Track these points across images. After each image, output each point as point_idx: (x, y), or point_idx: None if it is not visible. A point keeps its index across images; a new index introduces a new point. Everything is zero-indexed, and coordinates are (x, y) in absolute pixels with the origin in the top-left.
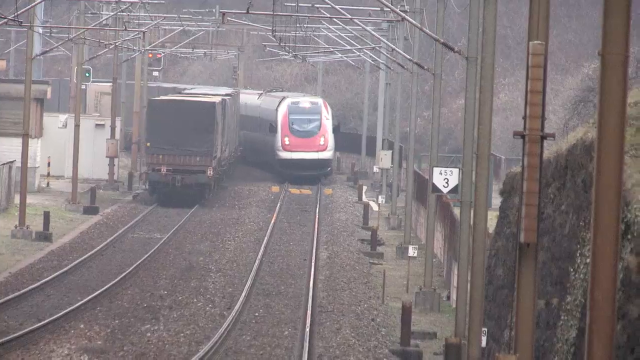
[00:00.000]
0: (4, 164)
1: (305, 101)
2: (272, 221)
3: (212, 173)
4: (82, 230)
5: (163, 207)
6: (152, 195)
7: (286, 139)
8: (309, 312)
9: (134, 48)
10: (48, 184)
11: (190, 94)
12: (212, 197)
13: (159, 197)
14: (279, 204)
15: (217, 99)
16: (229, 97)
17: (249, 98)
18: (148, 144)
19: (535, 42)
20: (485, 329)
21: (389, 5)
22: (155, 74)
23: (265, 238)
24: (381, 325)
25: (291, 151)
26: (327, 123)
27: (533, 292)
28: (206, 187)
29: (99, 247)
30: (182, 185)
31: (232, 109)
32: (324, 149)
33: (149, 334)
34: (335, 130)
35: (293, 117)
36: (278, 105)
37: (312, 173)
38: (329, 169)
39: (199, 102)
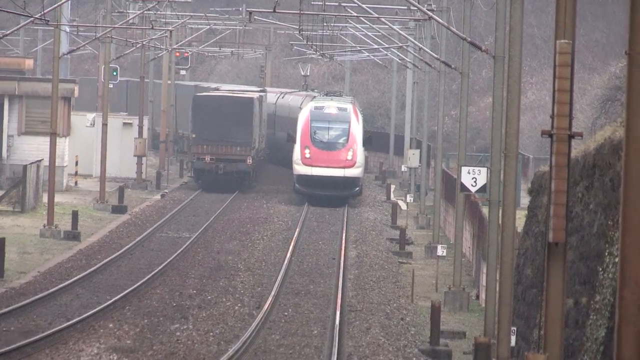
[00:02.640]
0: (32, 162)
1: (331, 106)
2: (301, 220)
3: (251, 161)
4: (111, 229)
5: (206, 193)
6: (197, 182)
7: (307, 151)
8: (338, 311)
9: (161, 47)
10: (76, 182)
11: (228, 90)
12: (251, 183)
13: (203, 183)
14: (306, 203)
15: (255, 95)
16: (262, 95)
17: (270, 97)
18: (194, 136)
19: (562, 41)
20: (515, 328)
21: (416, 4)
22: (183, 72)
23: (294, 237)
24: (410, 325)
25: (312, 166)
26: (357, 133)
27: (562, 291)
28: (246, 174)
29: (127, 247)
30: (225, 172)
31: (263, 106)
32: (352, 164)
33: (178, 333)
34: (367, 142)
35: (316, 124)
36: (299, 109)
37: (336, 193)
38: (356, 189)
39: (239, 97)
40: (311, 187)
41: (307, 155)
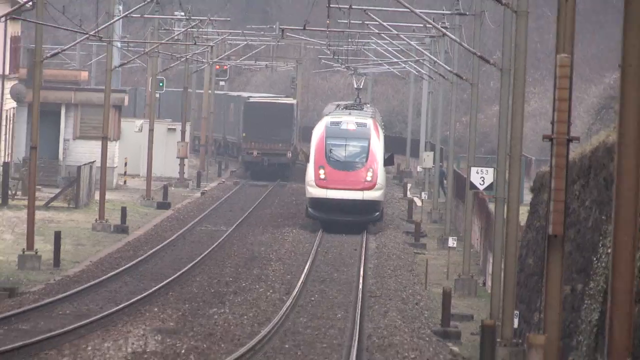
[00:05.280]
0: (85, 164)
1: (349, 121)
2: None
3: (290, 155)
4: (156, 224)
5: (255, 181)
6: (247, 172)
7: (321, 172)
8: (359, 296)
9: (203, 60)
10: (125, 182)
11: (270, 96)
12: (290, 173)
13: (251, 173)
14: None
15: (294, 101)
16: (297, 101)
17: None
18: (244, 134)
19: (562, 55)
20: (517, 312)
21: (432, 22)
22: (222, 83)
23: (320, 231)
24: (424, 309)
25: (327, 188)
26: (377, 151)
27: (560, 278)
28: (286, 166)
29: (170, 239)
30: (269, 164)
31: (299, 111)
32: (372, 186)
33: (215, 317)
34: (388, 161)
35: (332, 142)
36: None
37: (354, 219)
38: (377, 214)
39: (282, 103)
40: (326, 212)
41: (322, 176)
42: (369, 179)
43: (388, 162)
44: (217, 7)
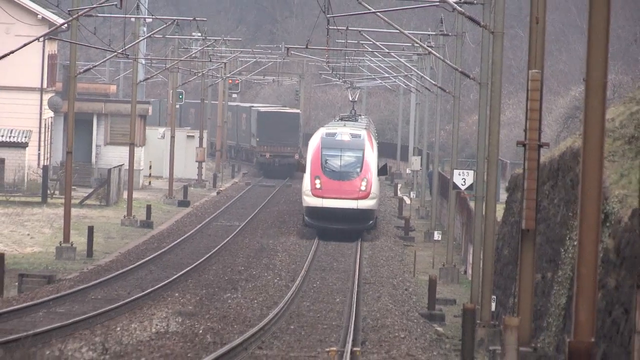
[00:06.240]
0: (115, 167)
1: (344, 132)
2: None
3: (297, 157)
4: (177, 219)
5: (267, 178)
6: (260, 171)
7: (317, 181)
8: (355, 283)
9: (217, 75)
10: (150, 182)
11: (278, 107)
12: (295, 174)
13: (264, 172)
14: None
15: (299, 111)
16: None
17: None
18: (257, 139)
19: (534, 70)
20: (495, 297)
21: (419, 42)
22: (234, 96)
23: None
24: (412, 294)
25: (322, 197)
26: (371, 162)
27: (532, 267)
28: (293, 166)
29: (189, 233)
30: (279, 164)
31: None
32: (366, 195)
33: (229, 301)
34: (382, 171)
35: (327, 152)
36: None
37: (348, 227)
38: (370, 222)
39: (289, 112)
40: (322, 220)
41: (318, 186)
42: (363, 188)
43: (382, 172)
44: (230, 28)
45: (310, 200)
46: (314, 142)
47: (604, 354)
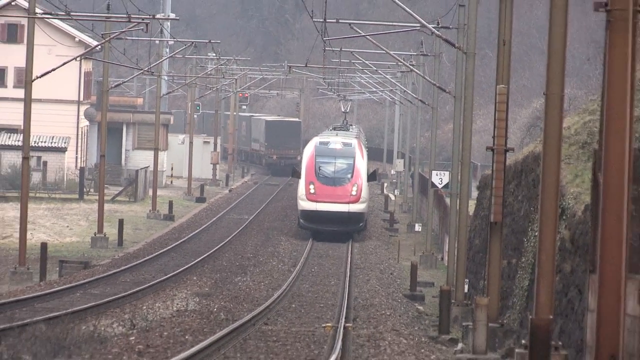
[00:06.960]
0: (142, 168)
1: (336, 141)
2: None
3: (300, 158)
4: (195, 213)
5: (274, 176)
6: (269, 171)
7: (311, 187)
8: (348, 268)
9: (229, 90)
10: (171, 182)
11: (281, 116)
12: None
13: (272, 171)
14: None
15: (300, 120)
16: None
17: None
18: (266, 144)
19: (501, 85)
20: (467, 280)
21: (402, 61)
22: (244, 107)
23: None
24: (396, 277)
25: (316, 201)
26: (362, 168)
27: (499, 255)
28: (297, 165)
29: (205, 225)
30: (285, 165)
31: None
32: (356, 200)
33: (240, 283)
34: (371, 177)
35: (321, 160)
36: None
37: (340, 229)
38: (361, 224)
39: (292, 121)
40: (316, 223)
41: (312, 191)
42: (354, 193)
43: (371, 178)
44: (240, 49)
45: (305, 204)
46: (309, 150)
47: (561, 329)
